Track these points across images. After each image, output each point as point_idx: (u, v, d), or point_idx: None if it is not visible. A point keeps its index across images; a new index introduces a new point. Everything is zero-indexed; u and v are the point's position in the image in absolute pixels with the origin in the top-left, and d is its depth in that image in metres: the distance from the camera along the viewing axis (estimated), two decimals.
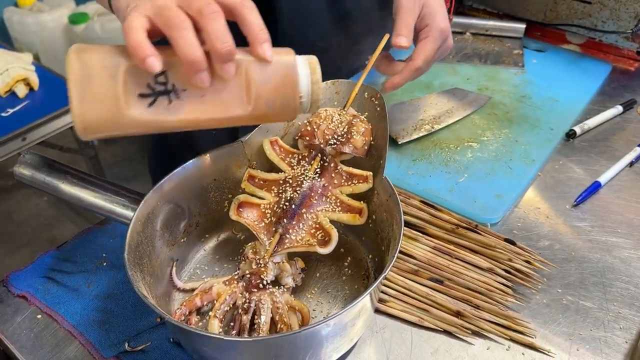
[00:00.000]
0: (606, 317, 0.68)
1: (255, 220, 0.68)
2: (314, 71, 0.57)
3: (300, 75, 0.56)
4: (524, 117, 0.99)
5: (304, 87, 0.56)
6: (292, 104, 0.56)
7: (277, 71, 0.54)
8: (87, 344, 0.64)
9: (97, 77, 0.49)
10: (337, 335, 0.57)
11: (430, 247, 0.74)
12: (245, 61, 0.53)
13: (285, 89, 0.55)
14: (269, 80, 0.54)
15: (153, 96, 0.51)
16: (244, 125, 0.57)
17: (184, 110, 0.52)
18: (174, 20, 0.48)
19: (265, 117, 0.56)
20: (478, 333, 0.66)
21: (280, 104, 0.56)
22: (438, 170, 0.87)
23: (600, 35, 1.16)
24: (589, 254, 0.76)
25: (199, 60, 0.49)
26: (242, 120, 0.55)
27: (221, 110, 0.54)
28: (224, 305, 0.63)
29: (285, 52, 0.56)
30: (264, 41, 0.52)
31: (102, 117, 0.49)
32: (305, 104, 0.57)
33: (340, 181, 0.70)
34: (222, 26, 0.49)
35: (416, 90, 1.05)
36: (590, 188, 0.84)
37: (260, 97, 0.54)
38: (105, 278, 0.71)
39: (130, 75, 0.50)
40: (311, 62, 0.57)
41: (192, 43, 0.48)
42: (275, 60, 0.54)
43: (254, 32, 0.52)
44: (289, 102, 0.56)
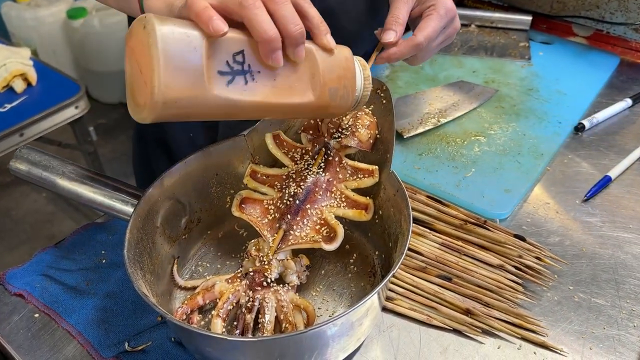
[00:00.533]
0: (619, 314, 0.66)
1: (258, 217, 0.66)
2: (364, 67, 0.60)
3: (355, 67, 0.59)
4: (532, 110, 0.97)
5: (359, 80, 0.60)
6: (351, 96, 0.59)
7: (339, 62, 0.57)
8: (86, 343, 0.62)
9: (182, 46, 0.47)
10: (344, 334, 0.55)
11: (438, 244, 0.72)
12: (312, 49, 0.55)
13: (347, 80, 0.58)
14: (333, 70, 0.56)
15: (232, 74, 0.50)
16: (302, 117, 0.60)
17: (258, 93, 0.52)
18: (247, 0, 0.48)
19: (326, 107, 0.57)
20: (488, 332, 0.64)
21: (342, 95, 0.58)
22: (445, 165, 0.85)
23: (608, 27, 1.14)
24: (601, 250, 0.74)
25: (275, 37, 0.49)
26: (305, 108, 0.56)
27: (290, 95, 0.54)
28: (227, 304, 0.61)
29: (343, 47, 0.58)
30: (327, 32, 0.55)
31: (185, 91, 0.47)
32: (358, 97, 0.60)
33: (345, 176, 0.68)
34: (292, 10, 0.50)
35: (421, 83, 1.03)
36: (601, 182, 0.83)
37: (325, 85, 0.56)
38: (105, 276, 0.69)
39: (212, 49, 0.48)
40: (361, 59, 0.60)
41: (267, 21, 0.49)
42: (337, 52, 0.56)
43: (317, 24, 0.54)
44: (348, 94, 0.58)
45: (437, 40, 0.76)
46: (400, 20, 0.72)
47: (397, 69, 1.07)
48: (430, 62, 1.09)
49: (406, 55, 0.73)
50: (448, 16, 0.75)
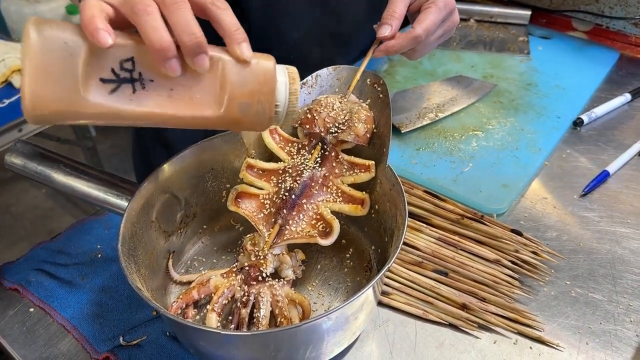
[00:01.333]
0: (616, 310, 0.66)
1: (254, 211, 0.66)
2: (292, 80, 0.54)
3: (278, 82, 0.53)
4: (530, 105, 0.96)
5: (281, 95, 0.53)
6: (268, 112, 0.52)
7: (255, 74, 0.51)
8: (81, 338, 0.62)
9: (56, 53, 0.44)
10: (339, 329, 0.55)
11: (435, 238, 0.72)
12: (221, 59, 0.50)
13: (262, 95, 0.51)
14: (246, 83, 0.51)
15: (116, 82, 0.47)
16: (211, 128, 0.53)
17: (148, 103, 0.48)
18: (139, 5, 0.45)
19: (236, 122, 0.52)
20: (484, 326, 0.64)
21: (255, 111, 0.52)
22: (442, 160, 0.84)
23: (608, 22, 1.14)
24: (598, 245, 0.74)
25: (166, 46, 0.45)
26: (210, 122, 0.51)
27: (189, 108, 0.50)
28: (222, 299, 0.61)
29: (265, 57, 0.52)
30: (241, 41, 0.49)
31: (55, 98, 0.45)
32: (281, 114, 0.54)
33: (342, 171, 0.68)
34: (186, 17, 0.45)
35: (419, 77, 1.03)
36: (599, 177, 0.82)
37: (234, 99, 0.50)
38: (100, 270, 0.69)
39: (93, 57, 0.45)
40: (291, 71, 0.54)
41: (158, 28, 0.45)
42: (253, 63, 0.51)
43: (229, 31, 0.49)
44: (264, 109, 0.52)
45: (436, 34, 0.75)
46: (397, 15, 0.72)
47: (395, 63, 1.07)
48: (429, 57, 1.09)
49: (405, 48, 0.73)
50: (447, 9, 0.74)
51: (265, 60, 0.52)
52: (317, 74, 0.73)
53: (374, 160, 0.68)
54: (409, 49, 0.75)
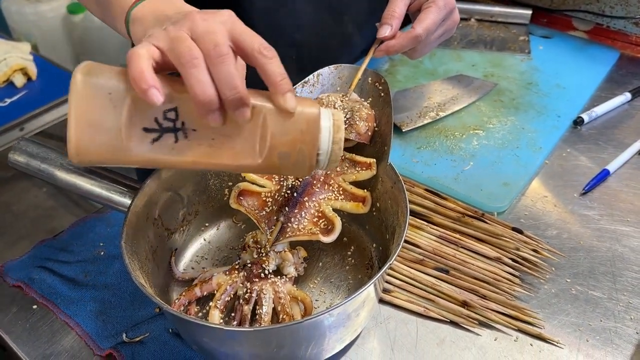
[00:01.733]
0: (616, 307, 0.66)
1: (256, 209, 0.67)
2: (337, 129, 0.52)
3: (322, 129, 0.51)
4: (531, 104, 0.96)
5: (324, 144, 0.51)
6: (308, 162, 0.51)
7: (297, 124, 0.49)
8: (83, 335, 0.62)
9: (100, 102, 0.45)
10: (341, 325, 0.55)
11: (436, 236, 0.72)
12: (264, 108, 0.49)
13: (304, 145, 0.50)
14: (287, 133, 0.49)
15: (159, 132, 0.47)
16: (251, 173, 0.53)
17: (190, 152, 0.48)
18: (186, 55, 0.45)
19: (276, 169, 0.51)
20: (485, 324, 0.64)
21: (295, 160, 0.51)
22: (443, 158, 0.85)
23: (608, 21, 1.14)
24: (598, 243, 0.74)
25: (210, 100, 0.45)
26: (249, 169, 0.52)
27: (230, 157, 0.49)
28: (225, 296, 0.61)
29: (310, 104, 0.51)
30: (286, 91, 0.48)
31: (98, 146, 0.45)
32: (322, 162, 0.52)
33: (343, 169, 0.68)
34: (229, 71, 0.45)
35: (420, 77, 1.03)
36: (599, 176, 0.83)
37: (274, 149, 0.49)
38: (103, 268, 0.69)
39: (137, 106, 0.46)
40: (336, 119, 0.52)
41: (203, 82, 0.45)
42: (297, 112, 0.49)
43: (274, 81, 0.48)
44: (304, 159, 0.51)
45: (437, 33, 0.76)
46: (397, 14, 0.72)
47: (396, 62, 1.07)
48: (430, 56, 1.09)
49: (405, 47, 0.73)
50: (447, 8, 0.75)
51: (309, 108, 0.50)
52: (319, 72, 0.74)
53: (376, 158, 0.68)
54: (410, 49, 0.75)
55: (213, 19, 0.47)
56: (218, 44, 0.45)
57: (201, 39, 0.45)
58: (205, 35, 0.45)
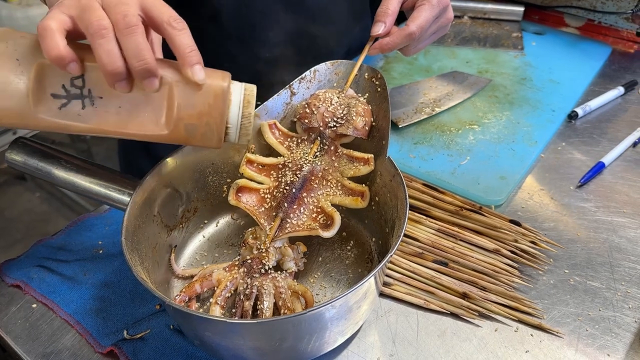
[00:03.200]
0: (614, 296, 0.66)
1: (254, 205, 0.67)
2: (247, 104, 0.53)
3: (231, 103, 0.52)
4: (525, 99, 0.97)
5: (233, 117, 0.53)
6: (216, 135, 0.52)
7: (205, 96, 0.51)
8: (84, 333, 0.62)
9: (9, 67, 0.47)
10: (342, 318, 0.55)
11: (434, 230, 0.73)
12: (172, 80, 0.50)
13: (210, 118, 0.51)
14: (194, 105, 0.50)
15: (66, 98, 0.48)
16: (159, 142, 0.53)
17: (97, 119, 0.50)
18: (94, 25, 0.46)
19: (183, 140, 0.53)
20: (485, 315, 0.64)
21: (203, 133, 0.52)
22: (440, 153, 0.85)
23: (600, 17, 1.15)
24: (595, 235, 0.74)
25: (118, 71, 0.47)
26: (156, 139, 0.52)
27: (136, 125, 0.51)
28: (225, 292, 0.61)
29: (220, 77, 0.52)
30: (194, 63, 0.49)
31: (7, 109, 0.48)
32: (233, 135, 0.54)
33: (341, 164, 0.69)
34: (137, 42, 0.46)
35: (415, 73, 1.04)
36: (594, 169, 0.83)
37: (181, 120, 0.51)
38: (102, 266, 0.69)
39: (45, 73, 0.47)
40: (247, 92, 0.53)
41: (111, 52, 0.46)
42: (205, 85, 0.50)
43: (183, 54, 0.49)
44: (212, 132, 0.52)
45: (430, 30, 0.76)
46: (390, 12, 0.73)
47: (391, 60, 1.08)
48: (424, 53, 1.09)
49: (399, 45, 0.74)
50: (440, 6, 0.75)
51: (218, 81, 0.51)
52: (315, 68, 0.74)
53: (374, 153, 0.68)
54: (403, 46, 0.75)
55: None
56: (127, 14, 0.46)
57: (111, 8, 0.46)
58: (115, 6, 0.46)
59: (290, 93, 0.73)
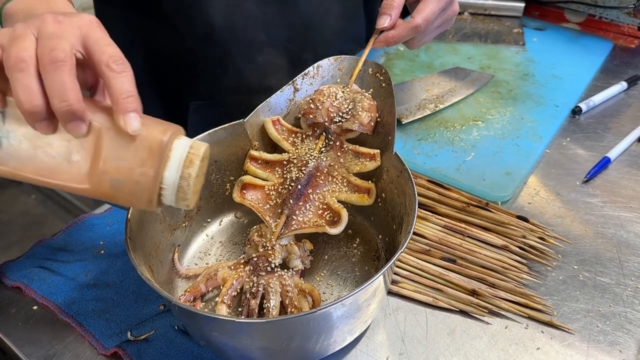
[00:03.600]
0: (625, 292, 0.66)
1: (259, 203, 0.65)
2: (189, 163, 0.45)
3: (170, 161, 0.44)
4: (528, 94, 0.96)
5: (169, 177, 0.45)
6: (147, 195, 0.44)
7: (137, 150, 0.43)
8: (87, 334, 0.61)
9: None
10: (352, 316, 0.54)
11: (441, 226, 0.72)
12: (102, 126, 0.43)
13: (141, 176, 0.43)
14: (124, 158, 0.43)
15: None
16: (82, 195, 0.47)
17: (14, 162, 0.44)
18: (13, 57, 0.40)
19: (109, 197, 0.45)
20: (495, 312, 0.64)
21: (131, 190, 0.44)
22: (444, 150, 0.84)
23: (601, 12, 1.15)
24: (603, 230, 0.74)
25: (36, 110, 0.41)
26: (77, 192, 0.45)
27: (57, 174, 0.44)
28: (231, 290, 0.60)
29: (161, 129, 0.44)
30: (129, 110, 0.42)
31: None
32: (168, 198, 0.46)
33: (347, 160, 0.68)
34: (62, 80, 0.40)
35: (417, 70, 1.03)
36: (600, 164, 0.83)
37: (105, 174, 0.43)
38: (104, 267, 0.68)
39: None
40: (192, 151, 0.46)
41: (28, 87, 0.40)
42: (141, 136, 0.43)
43: (117, 99, 0.42)
44: (142, 192, 0.44)
45: (436, 23, 0.75)
46: (395, 4, 0.72)
47: (392, 56, 1.07)
48: (426, 49, 1.09)
49: (404, 38, 0.73)
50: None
51: (157, 133, 0.44)
52: (319, 64, 0.73)
53: (380, 149, 0.67)
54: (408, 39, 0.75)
55: (69, 21, 0.43)
56: (55, 49, 0.41)
57: (42, 41, 0.41)
58: (47, 39, 0.41)
59: (293, 89, 0.72)
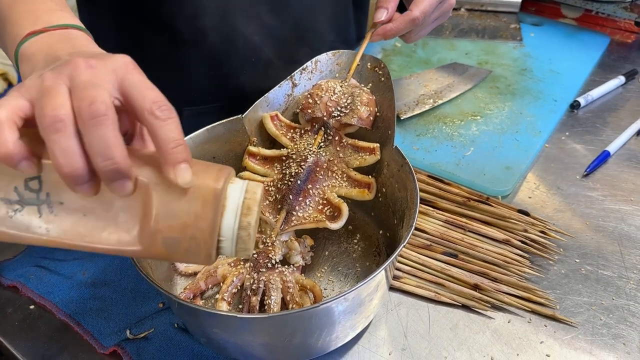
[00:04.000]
0: (627, 285, 0.65)
1: None
2: (247, 210, 0.41)
3: (226, 211, 0.40)
4: (527, 89, 0.96)
5: (227, 229, 0.41)
6: (204, 250, 0.40)
7: (191, 203, 0.39)
8: (85, 333, 0.60)
9: None
10: (354, 311, 0.53)
11: (442, 221, 0.71)
12: (150, 181, 0.39)
13: (197, 230, 0.39)
14: (177, 215, 0.39)
15: (19, 204, 0.39)
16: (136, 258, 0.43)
17: (56, 230, 0.40)
18: (48, 117, 0.36)
19: (164, 256, 0.41)
20: (498, 306, 0.63)
21: (187, 248, 0.40)
22: (443, 145, 0.84)
23: (598, 7, 1.14)
24: (604, 223, 0.73)
25: (77, 173, 0.37)
26: (129, 254, 0.41)
27: (103, 239, 0.40)
28: (232, 287, 0.59)
29: (213, 176, 0.40)
30: (179, 162, 0.38)
31: None
32: (228, 249, 0.42)
33: (347, 155, 0.67)
34: (105, 136, 0.36)
35: (415, 66, 1.02)
36: (600, 157, 0.82)
37: (158, 233, 0.39)
38: (101, 265, 0.67)
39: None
40: (248, 196, 0.41)
41: (68, 150, 0.36)
42: (193, 188, 0.39)
43: (166, 150, 0.38)
44: (199, 247, 0.40)
45: (433, 16, 0.75)
46: None
47: (389, 52, 1.06)
48: (423, 45, 1.08)
49: (402, 30, 0.72)
50: None
51: (209, 181, 0.40)
52: (317, 59, 0.72)
53: (380, 143, 0.67)
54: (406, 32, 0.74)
55: (103, 65, 0.39)
56: (94, 101, 0.37)
57: (78, 93, 0.37)
58: (83, 89, 0.37)
59: (291, 84, 0.71)
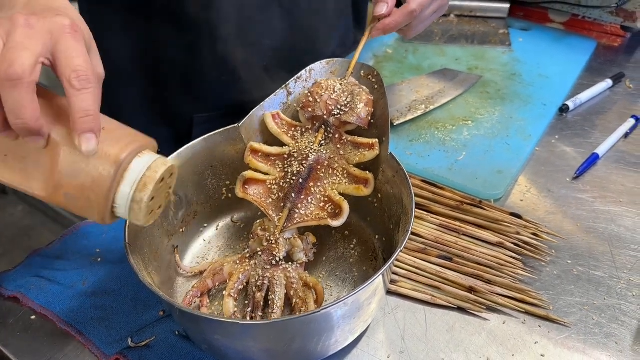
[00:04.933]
0: (618, 285, 0.67)
1: (262, 197, 0.66)
2: (142, 186, 0.45)
3: (123, 183, 0.45)
4: (516, 94, 0.98)
5: (122, 198, 0.45)
6: (98, 212, 0.45)
7: (91, 169, 0.44)
8: (87, 342, 0.61)
9: None
10: (353, 316, 0.55)
11: (436, 225, 0.72)
12: (61, 141, 0.44)
13: (92, 194, 0.44)
14: (77, 175, 0.44)
15: None
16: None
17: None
18: None
19: (65, 207, 0.46)
20: (493, 308, 0.64)
21: (82, 206, 0.45)
22: (436, 150, 0.85)
23: (584, 12, 1.17)
24: (594, 225, 0.75)
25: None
26: (37, 197, 0.46)
27: (20, 179, 0.46)
28: (238, 284, 0.61)
29: (121, 146, 0.45)
30: (85, 131, 0.42)
31: None
32: (122, 214, 0.47)
33: (347, 151, 0.68)
34: (17, 98, 0.40)
35: (406, 72, 1.04)
36: (589, 160, 0.84)
37: (59, 187, 0.44)
38: (102, 274, 0.68)
39: None
40: (148, 174, 0.46)
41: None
42: (97, 155, 0.44)
43: (75, 118, 0.42)
44: (92, 208, 0.45)
45: (430, 9, 0.76)
46: None
47: (381, 59, 1.08)
48: (414, 52, 1.10)
49: (401, 24, 0.74)
50: None
51: (116, 150, 0.45)
52: (311, 67, 0.74)
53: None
54: (405, 26, 0.75)
55: (42, 26, 0.42)
56: (13, 64, 0.39)
57: (4, 52, 0.40)
58: (9, 49, 0.40)
59: (287, 93, 0.72)
